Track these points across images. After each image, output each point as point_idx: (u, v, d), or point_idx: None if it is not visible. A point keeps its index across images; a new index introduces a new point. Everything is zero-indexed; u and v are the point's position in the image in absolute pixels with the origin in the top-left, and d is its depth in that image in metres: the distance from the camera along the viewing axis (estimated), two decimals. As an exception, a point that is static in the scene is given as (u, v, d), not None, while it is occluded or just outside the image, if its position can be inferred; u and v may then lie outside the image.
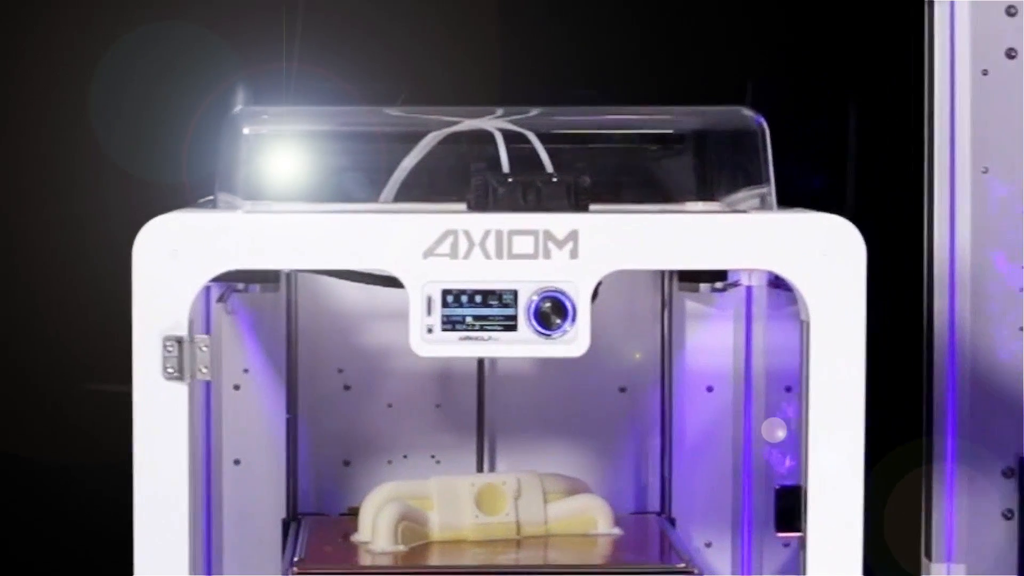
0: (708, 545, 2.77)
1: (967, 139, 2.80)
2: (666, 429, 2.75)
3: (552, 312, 2.30)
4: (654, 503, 2.79)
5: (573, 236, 2.29)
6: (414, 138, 2.56)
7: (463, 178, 2.41)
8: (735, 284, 2.68)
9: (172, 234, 2.31)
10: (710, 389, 2.76)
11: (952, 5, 2.82)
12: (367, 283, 2.64)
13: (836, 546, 2.35)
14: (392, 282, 2.33)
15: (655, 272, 2.73)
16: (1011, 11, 2.80)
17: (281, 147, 2.53)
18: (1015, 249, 2.78)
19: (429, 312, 2.31)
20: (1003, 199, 2.79)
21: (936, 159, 2.85)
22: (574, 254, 2.30)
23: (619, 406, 2.79)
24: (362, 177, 2.57)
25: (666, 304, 2.75)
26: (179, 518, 2.35)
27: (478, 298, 2.32)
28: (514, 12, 3.39)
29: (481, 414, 2.79)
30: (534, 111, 2.55)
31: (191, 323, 2.31)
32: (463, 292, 2.32)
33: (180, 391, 2.32)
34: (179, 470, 2.34)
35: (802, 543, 2.35)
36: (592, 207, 2.41)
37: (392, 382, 2.80)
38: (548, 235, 2.30)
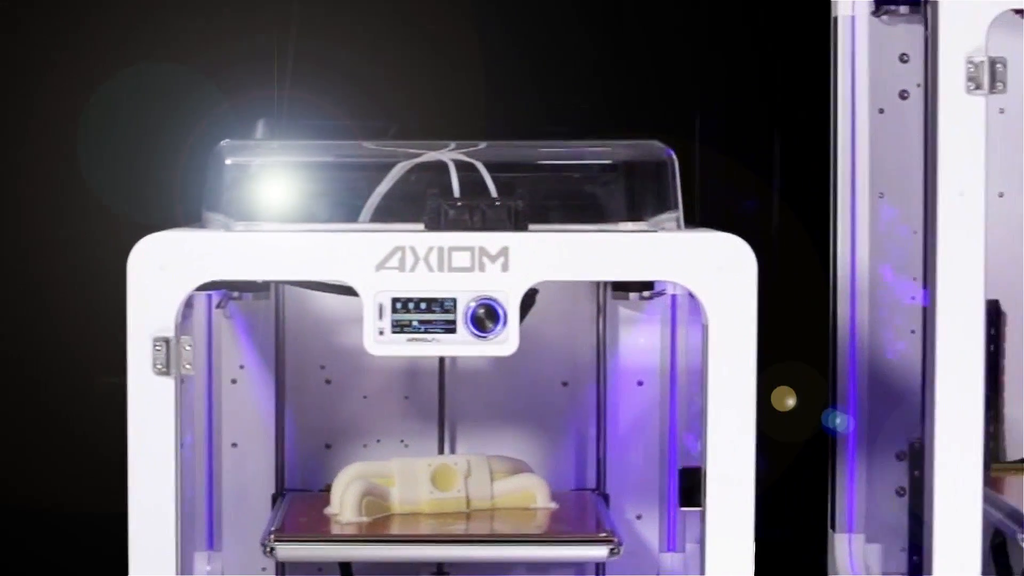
0: (639, 517, 2.75)
1: (866, 168, 2.78)
2: (602, 418, 2.73)
3: (486, 317, 2.30)
4: (591, 481, 2.76)
5: (504, 252, 2.29)
6: (380, 168, 2.54)
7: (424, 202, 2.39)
8: (660, 293, 2.68)
9: (160, 250, 2.31)
10: (640, 383, 2.75)
11: (853, 52, 2.79)
12: (329, 292, 2.63)
13: (730, 518, 2.33)
14: (349, 291, 2.32)
15: (592, 283, 2.71)
16: (903, 58, 2.78)
17: (260, 176, 2.52)
18: (900, 263, 2.73)
19: (381, 317, 2.31)
20: (891, 220, 2.75)
21: (840, 185, 2.84)
22: (505, 267, 2.30)
23: (561, 398, 2.77)
24: (333, 202, 2.56)
25: (601, 310, 2.72)
26: (168, 491, 2.35)
27: (423, 305, 2.31)
28: (493, 56, 3.37)
29: (442, 405, 2.77)
30: (483, 144, 2.54)
31: (177, 326, 2.31)
32: (410, 300, 2.31)
33: (168, 384, 2.32)
34: (168, 452, 2.34)
35: (702, 516, 2.32)
36: (532, 227, 2.39)
37: (367, 377, 2.79)
38: (483, 251, 2.30)
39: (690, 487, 2.39)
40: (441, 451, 2.75)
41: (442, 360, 2.75)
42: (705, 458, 2.31)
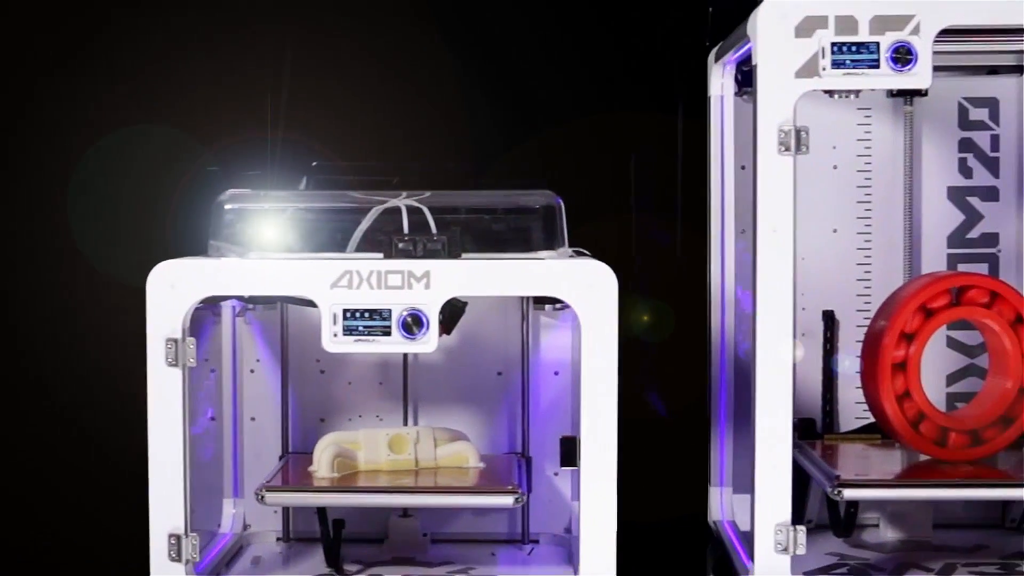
0: (555, 474, 2.74)
1: (731, 211, 2.74)
2: (526, 399, 2.72)
3: (413, 323, 2.31)
4: (518, 447, 2.74)
5: (427, 274, 2.31)
6: (346, 212, 2.54)
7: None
8: (568, 306, 2.62)
9: (171, 273, 2.32)
10: (556, 373, 2.73)
11: (722, 123, 2.80)
12: (297, 304, 2.61)
13: (598, 477, 2.32)
14: (311, 304, 2.33)
15: (519, 297, 2.70)
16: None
17: (250, 218, 2.52)
18: (745, 283, 2.71)
19: (335, 323, 2.31)
20: (741, 250, 2.73)
21: (713, 223, 2.83)
22: (427, 286, 2.32)
23: (496, 384, 2.75)
24: (309, 238, 2.53)
25: (525, 318, 2.72)
26: (178, 454, 2.33)
27: (366, 314, 2.31)
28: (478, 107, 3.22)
29: (406, 389, 2.76)
30: (428, 193, 2.53)
31: (184, 330, 2.31)
32: (356, 310, 2.31)
33: (177, 373, 2.32)
34: (178, 424, 2.33)
35: (577, 475, 2.33)
36: (464, 255, 2.40)
37: (351, 368, 2.77)
38: (411, 274, 2.32)
39: (569, 451, 2.37)
40: (405, 423, 2.73)
41: (405, 356, 2.74)
42: (579, 428, 2.31)
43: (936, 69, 2.65)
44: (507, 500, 2.44)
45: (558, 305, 2.65)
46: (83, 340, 3.21)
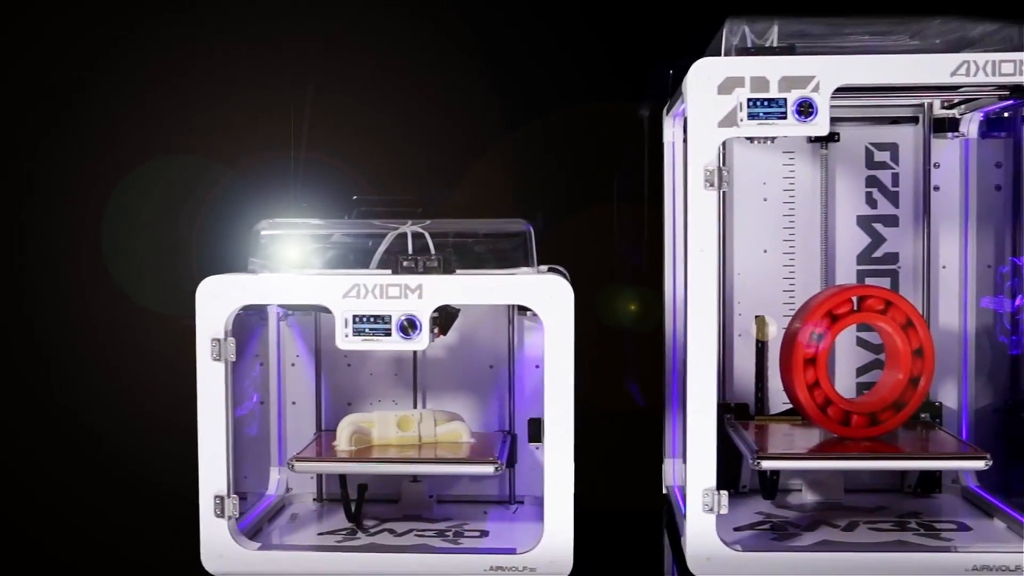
0: (537, 448, 2.76)
1: (680, 234, 2.78)
2: (512, 387, 2.78)
3: (408, 326, 2.36)
4: (507, 426, 2.80)
5: (419, 287, 2.38)
6: (358, 237, 2.65)
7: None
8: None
9: (215, 286, 2.41)
10: (537, 366, 2.77)
11: (674, 163, 2.84)
12: (315, 311, 2.71)
13: (558, 449, 2.38)
14: (326, 310, 2.39)
15: (507, 305, 2.75)
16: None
17: (282, 243, 2.62)
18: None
19: (346, 326, 2.38)
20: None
21: (667, 244, 2.85)
22: (420, 296, 2.38)
23: (489, 375, 2.81)
24: (330, 258, 2.63)
25: (511, 322, 2.79)
26: (221, 431, 2.41)
27: (371, 319, 2.38)
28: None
29: (416, 379, 2.83)
30: (429, 221, 2.61)
31: (227, 331, 2.40)
32: (363, 316, 2.38)
33: (220, 366, 2.41)
34: (221, 408, 2.41)
35: (543, 449, 2.38)
36: (459, 271, 2.46)
37: (372, 362, 2.84)
38: (407, 287, 2.39)
39: (535, 430, 2.43)
40: (415, 407, 2.80)
41: (415, 352, 2.80)
42: (544, 410, 2.37)
43: (848, 119, 2.77)
44: (488, 469, 2.51)
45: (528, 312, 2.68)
46: (115, 364, 3.13)
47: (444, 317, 2.56)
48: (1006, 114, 2.73)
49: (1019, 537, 2.47)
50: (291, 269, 2.53)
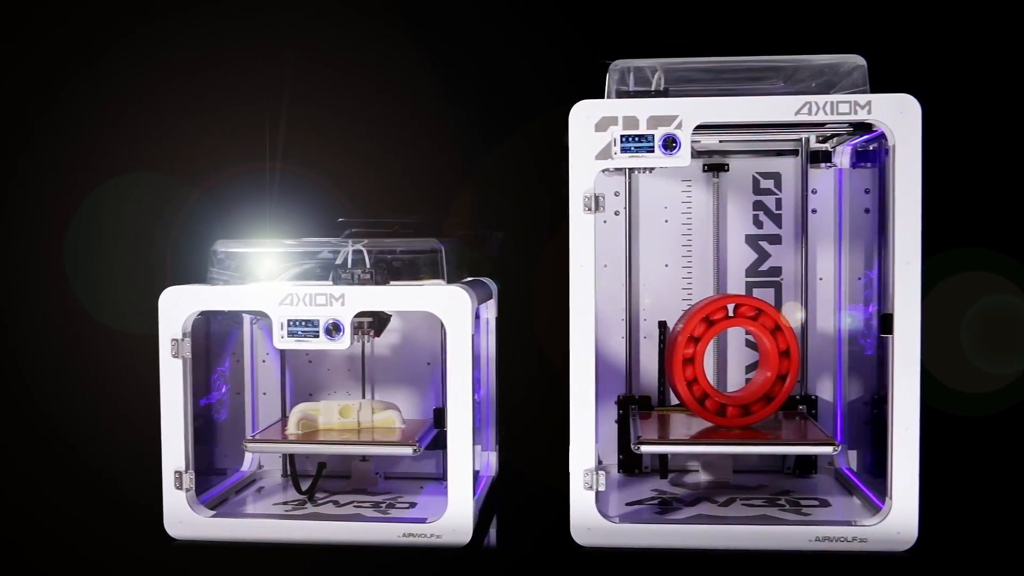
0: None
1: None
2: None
3: (333, 329, 2.38)
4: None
5: (343, 296, 2.41)
6: (304, 255, 2.60)
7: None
8: (476, 316, 2.70)
9: (174, 295, 2.45)
10: None
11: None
12: (261, 316, 2.71)
13: (460, 434, 2.41)
14: (266, 316, 2.41)
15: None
16: (616, 193, 2.79)
17: (236, 258, 2.60)
18: (619, 303, 2.82)
19: (282, 329, 2.40)
20: (611, 280, 2.76)
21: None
22: (343, 304, 2.40)
23: (427, 371, 2.82)
24: (275, 271, 2.59)
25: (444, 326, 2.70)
26: (180, 420, 2.45)
27: (302, 323, 2.41)
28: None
29: (364, 373, 2.84)
30: (367, 240, 2.59)
31: (185, 333, 2.44)
32: (296, 320, 2.41)
33: (179, 363, 2.45)
34: (179, 398, 2.45)
35: (446, 433, 2.41)
36: (392, 282, 2.49)
37: (329, 359, 2.86)
38: (331, 296, 2.40)
39: (439, 418, 2.44)
40: (364, 397, 2.82)
41: (363, 349, 2.81)
42: (445, 402, 2.41)
43: (738, 152, 2.76)
44: (407, 450, 2.54)
45: (467, 315, 2.70)
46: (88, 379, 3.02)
47: (378, 322, 2.59)
48: (871, 147, 2.71)
49: (870, 513, 2.45)
50: (246, 281, 2.55)
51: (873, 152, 2.75)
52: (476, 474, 2.47)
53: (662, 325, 2.83)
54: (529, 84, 2.99)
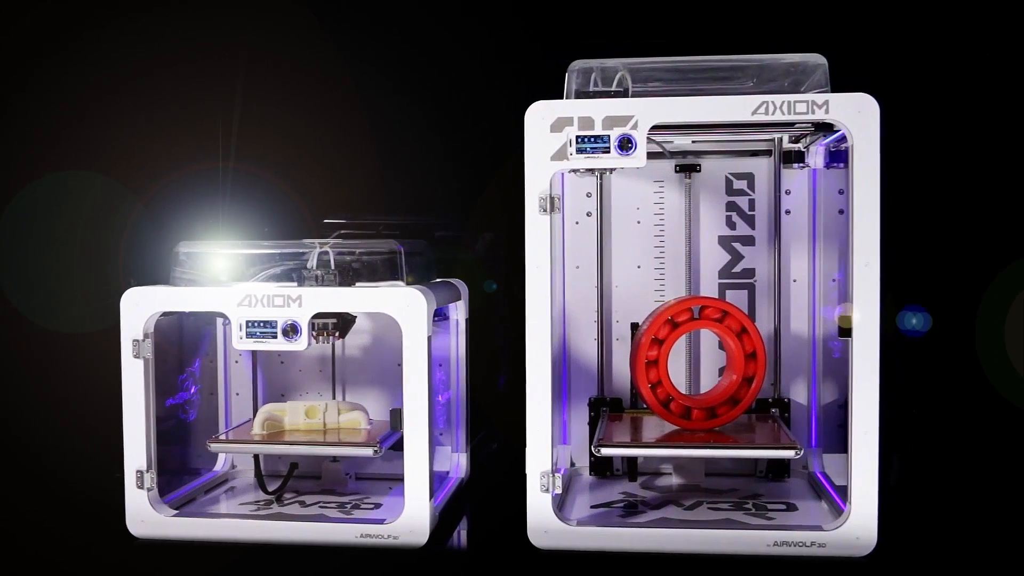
0: (440, 433, 2.80)
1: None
2: None
3: (290, 330, 2.38)
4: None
5: (300, 297, 2.40)
6: (270, 257, 2.60)
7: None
8: (445, 318, 2.71)
9: (136, 296, 2.46)
10: (440, 366, 2.78)
11: (563, 194, 2.79)
12: (220, 317, 2.72)
13: (416, 435, 2.40)
14: (226, 317, 2.42)
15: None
16: (588, 194, 2.78)
17: (197, 259, 2.61)
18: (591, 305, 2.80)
19: (240, 329, 2.40)
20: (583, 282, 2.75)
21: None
22: (300, 305, 2.40)
23: (397, 372, 2.68)
24: (238, 273, 2.59)
25: (416, 327, 2.73)
26: (140, 419, 2.46)
27: (260, 324, 2.42)
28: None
29: (334, 374, 2.84)
30: (332, 242, 2.59)
31: (146, 334, 2.44)
32: (255, 321, 2.42)
33: (140, 363, 2.46)
34: (140, 398, 2.46)
35: (406, 432, 2.40)
36: (357, 283, 2.50)
37: (300, 360, 2.86)
38: (289, 297, 2.40)
39: (397, 418, 2.44)
40: (334, 398, 2.82)
41: (333, 349, 2.82)
42: (403, 401, 2.39)
43: (710, 153, 2.74)
44: (368, 451, 2.54)
45: (436, 317, 2.66)
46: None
47: (342, 323, 2.59)
48: (843, 146, 2.67)
49: (835, 517, 2.42)
50: (207, 282, 2.56)
51: (846, 152, 2.71)
52: (439, 475, 2.46)
53: (634, 326, 2.81)
54: (503, 84, 2.99)
